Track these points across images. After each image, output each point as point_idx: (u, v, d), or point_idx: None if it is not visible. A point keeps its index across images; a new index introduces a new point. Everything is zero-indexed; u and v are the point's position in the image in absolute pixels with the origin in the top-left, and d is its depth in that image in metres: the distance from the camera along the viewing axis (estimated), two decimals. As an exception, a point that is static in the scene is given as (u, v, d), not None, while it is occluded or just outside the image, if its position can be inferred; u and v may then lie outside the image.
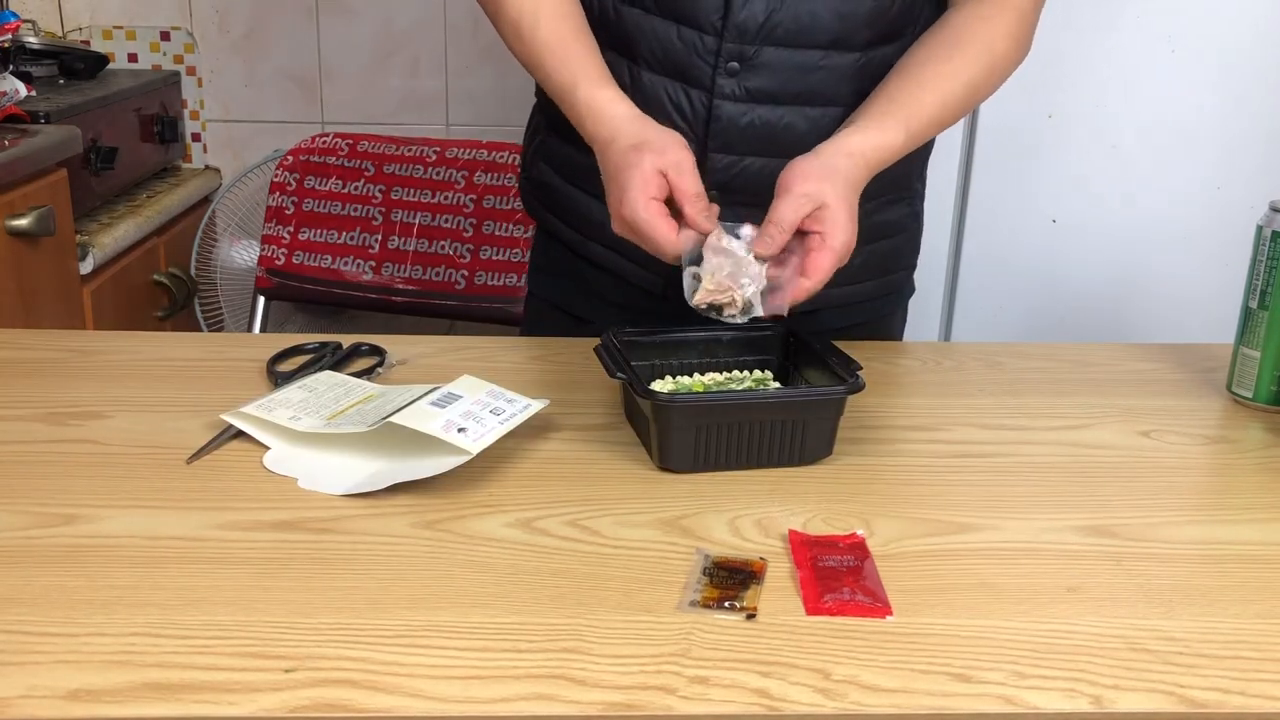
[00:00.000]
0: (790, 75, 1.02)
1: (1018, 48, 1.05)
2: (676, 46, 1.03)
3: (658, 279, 1.11)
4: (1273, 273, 0.97)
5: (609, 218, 0.98)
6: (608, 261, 1.14)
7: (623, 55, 1.06)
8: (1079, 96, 1.59)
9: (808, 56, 1.02)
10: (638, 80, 1.05)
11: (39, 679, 0.59)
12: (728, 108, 1.03)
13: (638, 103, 1.02)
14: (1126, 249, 1.66)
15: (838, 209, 0.92)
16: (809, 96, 1.03)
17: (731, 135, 1.04)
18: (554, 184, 1.17)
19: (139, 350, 1.05)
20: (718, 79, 1.02)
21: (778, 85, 1.02)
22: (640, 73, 1.05)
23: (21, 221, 1.53)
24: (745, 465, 0.86)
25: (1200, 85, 1.60)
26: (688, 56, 1.02)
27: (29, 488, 0.79)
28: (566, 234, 1.17)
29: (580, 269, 1.18)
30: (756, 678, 0.61)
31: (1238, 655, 0.65)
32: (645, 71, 1.05)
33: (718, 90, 1.02)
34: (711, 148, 1.04)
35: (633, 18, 1.04)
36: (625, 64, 1.06)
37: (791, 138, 1.04)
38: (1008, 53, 1.05)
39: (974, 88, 1.04)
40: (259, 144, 2.38)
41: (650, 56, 1.04)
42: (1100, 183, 1.64)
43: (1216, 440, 0.96)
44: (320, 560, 0.71)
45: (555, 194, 1.17)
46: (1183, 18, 1.57)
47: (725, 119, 1.03)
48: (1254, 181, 1.62)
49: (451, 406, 0.83)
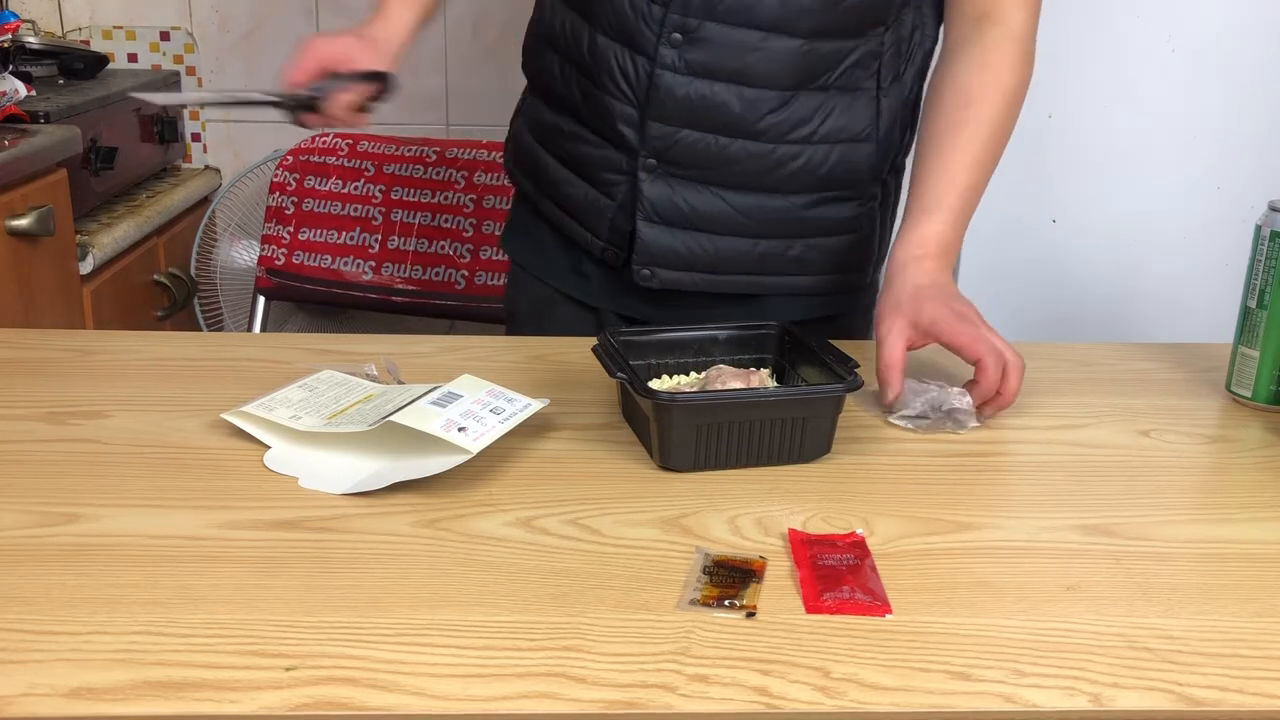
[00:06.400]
0: (729, 52, 1.05)
1: (1024, 70, 1.07)
2: (628, 14, 1.07)
3: (597, 241, 1.16)
4: (1272, 272, 0.97)
5: (564, 180, 1.13)
6: (555, 218, 1.20)
7: (584, 19, 1.11)
8: (1079, 96, 1.59)
9: (748, 36, 1.04)
10: (593, 44, 1.10)
11: (40, 677, 0.59)
12: (668, 78, 1.06)
13: (590, 65, 1.11)
14: (1126, 249, 1.66)
15: (926, 306, 0.96)
16: (745, 76, 1.06)
17: (669, 106, 1.07)
18: (524, 140, 1.23)
19: (139, 350, 1.06)
20: (661, 48, 1.05)
21: (716, 61, 1.05)
22: (596, 36, 1.10)
23: (21, 221, 1.53)
24: (745, 464, 0.86)
25: (1200, 85, 1.60)
26: (636, 23, 1.06)
27: (30, 487, 0.79)
28: (526, 186, 1.24)
29: (539, 229, 1.24)
30: (756, 676, 0.61)
31: (1236, 654, 0.65)
32: (600, 35, 1.09)
33: (660, 59, 1.06)
34: (649, 116, 1.08)
35: None
36: (586, 27, 1.11)
37: (726, 116, 1.07)
38: (1017, 86, 1.07)
39: (998, 134, 1.06)
40: (259, 144, 2.38)
41: (605, 21, 1.09)
42: (1100, 183, 1.64)
43: (1216, 440, 0.96)
44: (321, 559, 0.71)
45: (524, 149, 1.24)
46: (1183, 18, 1.57)
47: (664, 89, 1.07)
48: (1254, 181, 1.62)
49: (452, 406, 0.83)
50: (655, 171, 1.10)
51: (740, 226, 1.12)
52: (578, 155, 1.15)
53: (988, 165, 1.06)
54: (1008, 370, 0.94)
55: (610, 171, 1.13)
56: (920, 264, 1.00)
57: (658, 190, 1.11)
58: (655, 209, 1.11)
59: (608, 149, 1.12)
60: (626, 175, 1.12)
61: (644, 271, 1.14)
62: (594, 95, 1.11)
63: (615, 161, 1.12)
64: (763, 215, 1.11)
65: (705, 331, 0.98)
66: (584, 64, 1.11)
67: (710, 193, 1.11)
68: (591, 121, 1.13)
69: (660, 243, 1.12)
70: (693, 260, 1.13)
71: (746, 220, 1.11)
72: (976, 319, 0.97)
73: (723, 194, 1.11)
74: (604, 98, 1.10)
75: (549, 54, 1.17)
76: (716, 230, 1.12)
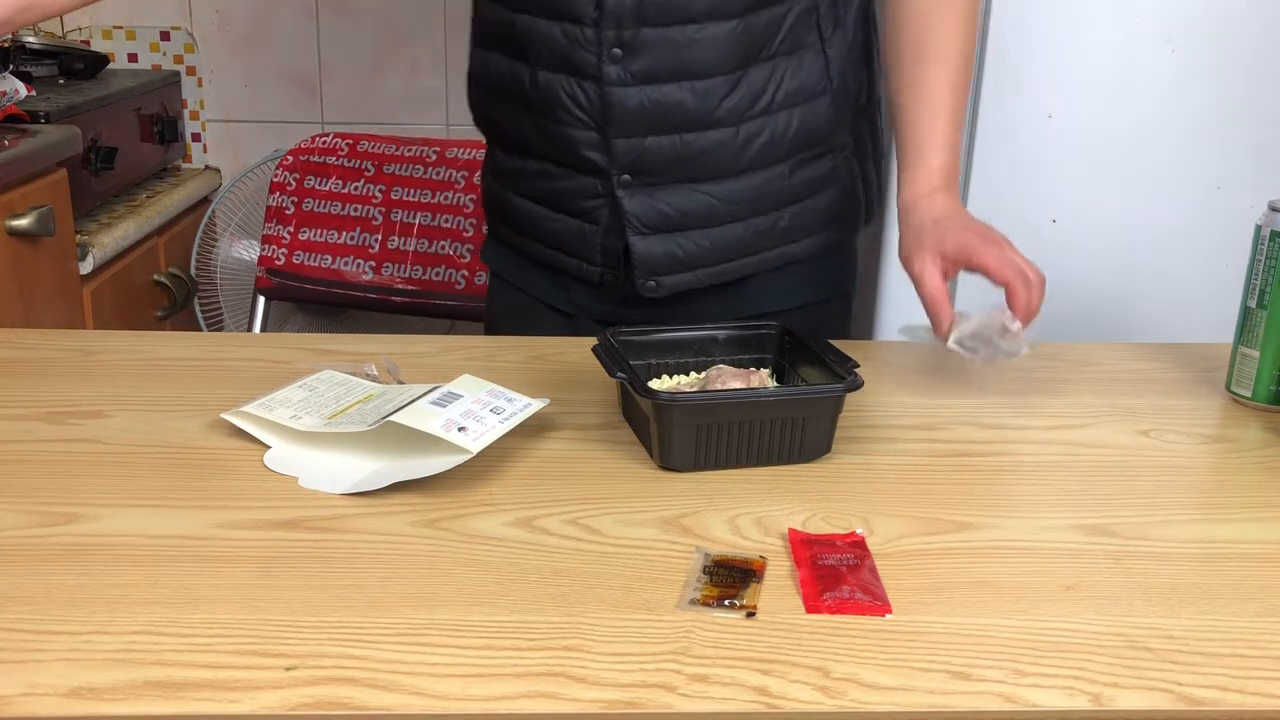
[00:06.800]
0: (670, 52, 1.05)
1: None
2: (562, 43, 1.06)
3: (594, 269, 1.16)
4: (1272, 272, 0.97)
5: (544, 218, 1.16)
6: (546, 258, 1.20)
7: (521, 60, 1.11)
8: (1079, 96, 1.59)
9: (682, 31, 1.04)
10: (535, 81, 1.10)
11: (40, 677, 0.59)
12: (618, 93, 1.06)
13: (540, 102, 1.10)
14: (1126, 249, 1.66)
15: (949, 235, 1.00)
16: (691, 70, 1.06)
17: (628, 119, 1.07)
18: (495, 192, 1.24)
19: (139, 350, 1.06)
20: (604, 67, 1.05)
21: (660, 63, 1.05)
22: (537, 73, 1.09)
23: (21, 221, 1.53)
24: (745, 464, 0.86)
25: (1200, 85, 1.60)
26: (573, 50, 1.06)
27: (30, 487, 0.79)
28: (508, 235, 1.24)
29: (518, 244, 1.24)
30: (756, 675, 0.61)
31: (1236, 653, 0.65)
32: (541, 71, 1.09)
33: (606, 78, 1.06)
34: (611, 135, 1.08)
35: (524, 24, 1.08)
36: (525, 69, 1.10)
37: (684, 113, 1.07)
38: (969, 2, 1.09)
39: (966, 52, 1.09)
40: (259, 144, 2.38)
41: (542, 56, 1.08)
42: (1100, 183, 1.64)
43: (1216, 440, 0.96)
44: (321, 559, 0.71)
45: (496, 200, 1.24)
46: (1183, 18, 1.57)
47: (618, 104, 1.06)
48: (1254, 181, 1.62)
49: (452, 405, 0.83)
50: (631, 186, 1.10)
51: (728, 214, 1.12)
52: (551, 191, 1.15)
53: (963, 85, 1.08)
54: (1030, 288, 0.98)
55: (587, 199, 1.12)
56: (931, 199, 1.04)
57: (639, 203, 1.11)
58: (642, 221, 1.11)
59: (579, 178, 1.12)
60: (604, 197, 1.11)
61: (649, 283, 1.14)
62: (551, 130, 1.10)
63: (590, 187, 1.12)
64: (746, 196, 1.12)
65: (705, 331, 0.98)
66: (533, 103, 1.10)
67: (690, 191, 1.11)
68: (556, 155, 1.12)
69: (655, 252, 1.12)
70: (691, 260, 1.13)
71: (732, 206, 1.11)
72: (1000, 239, 1.01)
73: (702, 188, 1.11)
74: (562, 130, 1.09)
75: (494, 103, 1.17)
76: (707, 224, 1.12)
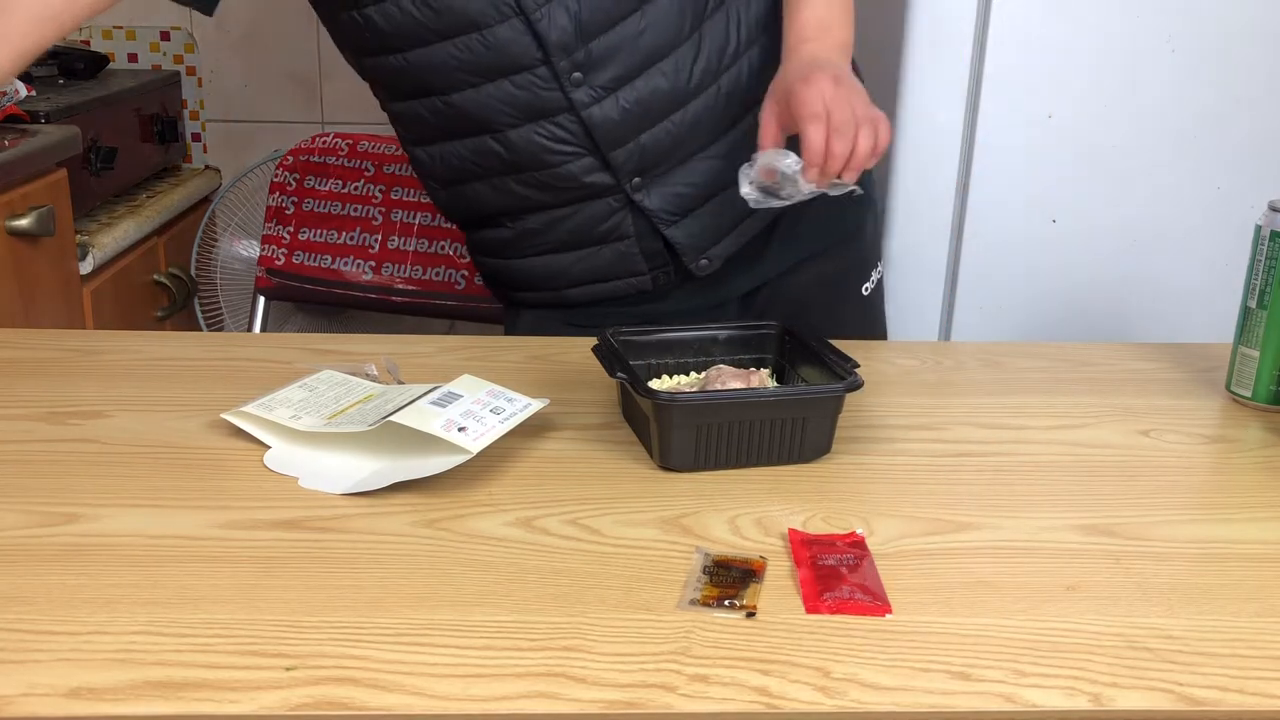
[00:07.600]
0: (625, 50, 1.04)
1: None
2: (520, 95, 1.04)
3: (645, 280, 1.15)
4: (1272, 272, 0.97)
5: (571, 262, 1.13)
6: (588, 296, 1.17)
7: (483, 133, 1.07)
8: (1079, 96, 1.59)
9: (626, 25, 1.04)
10: (509, 143, 1.07)
11: (40, 677, 0.59)
12: (596, 111, 1.05)
13: (524, 159, 1.07)
14: (1126, 249, 1.66)
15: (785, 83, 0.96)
16: (652, 54, 1.05)
17: (614, 131, 1.06)
18: (504, 270, 1.20)
19: (139, 350, 1.06)
20: (571, 94, 1.04)
21: (621, 66, 1.05)
22: (508, 135, 1.06)
23: (21, 221, 1.53)
24: (745, 464, 0.86)
25: (1200, 85, 1.59)
26: (535, 96, 1.04)
27: (30, 487, 0.79)
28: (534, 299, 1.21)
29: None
30: (756, 676, 0.61)
31: (1236, 653, 0.65)
32: (512, 131, 1.06)
33: (578, 104, 1.04)
34: (607, 151, 1.07)
35: (468, 100, 1.05)
36: (490, 139, 1.07)
37: (664, 97, 1.07)
38: None
39: None
40: (259, 144, 2.38)
41: (506, 117, 1.06)
42: (1100, 183, 1.64)
43: (1215, 440, 0.96)
44: (321, 559, 0.71)
45: (509, 276, 1.20)
46: (1183, 18, 1.57)
47: (601, 121, 1.05)
48: (1254, 181, 1.62)
49: (452, 406, 0.83)
50: (644, 185, 1.09)
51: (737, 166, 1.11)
52: (567, 234, 1.13)
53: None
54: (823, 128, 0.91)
55: (607, 220, 1.11)
56: (797, 51, 1.01)
57: (658, 197, 1.10)
58: (668, 211, 1.11)
59: (589, 206, 1.11)
60: (622, 210, 1.11)
61: (701, 262, 1.14)
62: (543, 179, 1.09)
63: (603, 209, 1.11)
64: (747, 142, 1.09)
65: (705, 331, 0.98)
66: (514, 163, 1.08)
67: (699, 162, 1.11)
68: (556, 199, 1.11)
69: (692, 231, 1.12)
70: (726, 223, 1.13)
71: (739, 158, 1.10)
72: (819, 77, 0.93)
73: (709, 156, 1.11)
74: (556, 171, 1.08)
75: (467, 188, 1.14)
76: (727, 185, 1.10)
